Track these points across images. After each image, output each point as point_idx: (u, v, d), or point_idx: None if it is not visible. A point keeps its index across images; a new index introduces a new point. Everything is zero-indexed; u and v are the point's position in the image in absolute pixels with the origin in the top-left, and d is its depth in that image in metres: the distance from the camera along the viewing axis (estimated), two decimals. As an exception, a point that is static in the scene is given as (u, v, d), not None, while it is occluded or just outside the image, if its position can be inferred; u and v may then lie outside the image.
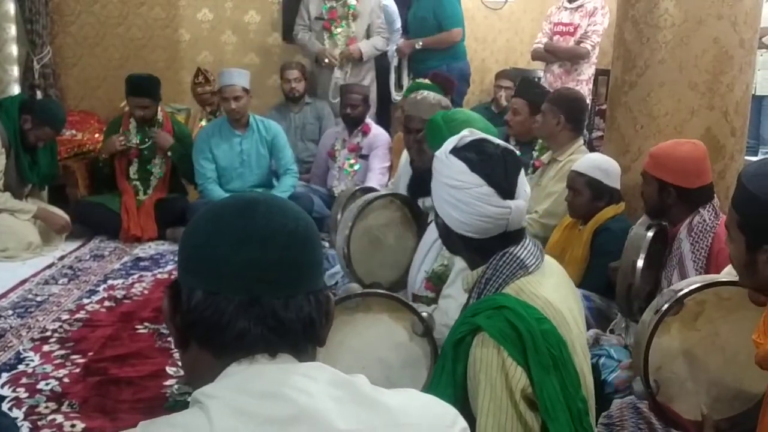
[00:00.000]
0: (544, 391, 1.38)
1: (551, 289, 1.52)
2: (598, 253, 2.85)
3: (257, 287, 0.89)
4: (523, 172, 1.59)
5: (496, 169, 1.52)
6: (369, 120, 4.78)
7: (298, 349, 0.92)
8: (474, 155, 1.53)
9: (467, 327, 1.45)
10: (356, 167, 4.72)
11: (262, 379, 0.86)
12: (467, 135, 1.60)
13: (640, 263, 2.38)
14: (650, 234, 2.43)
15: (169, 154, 4.70)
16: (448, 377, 1.44)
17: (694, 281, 1.73)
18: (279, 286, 0.90)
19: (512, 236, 1.55)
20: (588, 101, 4.68)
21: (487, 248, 1.54)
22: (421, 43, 5.24)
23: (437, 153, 1.61)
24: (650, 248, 2.43)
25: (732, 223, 1.40)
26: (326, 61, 5.13)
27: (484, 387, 1.38)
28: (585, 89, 4.99)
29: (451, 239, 1.61)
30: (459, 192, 1.52)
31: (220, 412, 0.82)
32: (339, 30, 5.12)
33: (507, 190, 1.52)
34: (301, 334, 0.91)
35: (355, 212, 2.64)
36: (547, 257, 1.61)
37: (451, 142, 1.59)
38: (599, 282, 2.78)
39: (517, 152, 1.67)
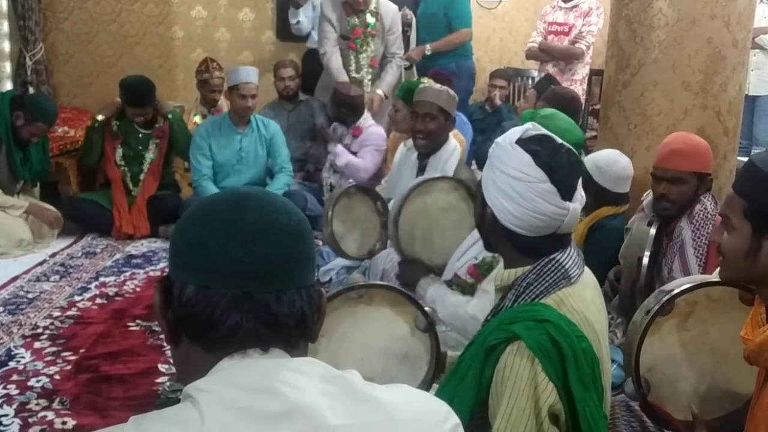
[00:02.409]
0: (586, 408, 1.35)
1: (589, 303, 1.48)
2: (592, 250, 2.85)
3: (249, 282, 0.88)
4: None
5: (561, 168, 1.47)
6: (365, 120, 4.75)
7: (291, 344, 0.91)
8: (540, 149, 1.47)
9: (503, 334, 1.39)
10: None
11: (254, 373, 0.86)
12: (531, 129, 1.54)
13: (645, 260, 2.40)
14: (653, 230, 2.45)
15: (170, 116, 4.67)
16: (474, 379, 1.40)
17: (684, 282, 1.73)
18: (271, 280, 0.89)
19: (559, 240, 1.49)
20: (582, 101, 4.69)
21: (532, 247, 1.48)
22: (429, 49, 5.21)
23: (499, 141, 1.54)
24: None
25: (735, 211, 1.38)
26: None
27: (509, 395, 1.35)
28: (579, 89, 5.00)
29: (495, 232, 1.54)
30: (520, 184, 1.46)
31: (211, 407, 0.82)
32: (364, 49, 5.04)
33: (568, 191, 1.47)
34: (293, 329, 0.91)
35: (415, 184, 2.62)
36: (585, 268, 1.57)
37: (515, 132, 1.52)
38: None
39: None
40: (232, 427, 0.81)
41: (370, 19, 5.01)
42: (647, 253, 2.40)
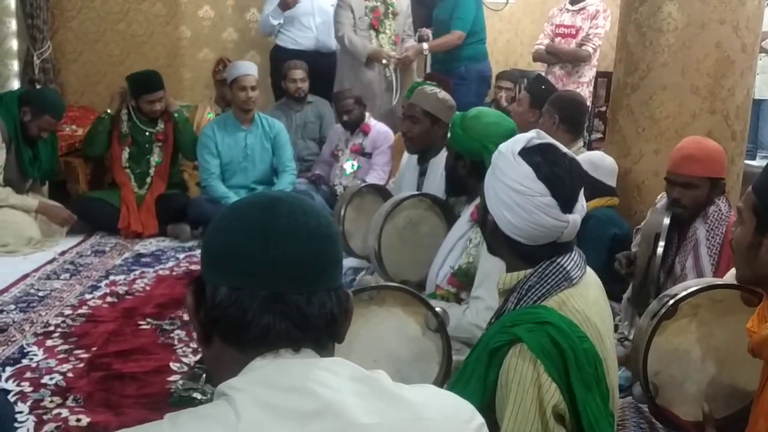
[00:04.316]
0: (587, 408, 1.37)
1: (591, 303, 1.51)
2: (584, 240, 2.90)
3: (281, 284, 0.90)
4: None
5: (563, 181, 1.48)
6: (369, 119, 4.80)
7: (320, 344, 0.93)
8: (542, 161, 1.49)
9: (506, 337, 1.42)
10: (356, 167, 4.75)
11: (286, 373, 0.88)
12: (536, 137, 1.55)
13: (659, 250, 2.47)
14: (667, 221, 2.51)
15: (176, 115, 4.72)
16: (479, 382, 1.43)
17: (688, 285, 1.76)
18: (301, 282, 0.92)
19: (560, 247, 1.52)
20: (588, 103, 4.70)
21: (533, 255, 1.51)
22: (427, 49, 5.24)
23: (502, 149, 1.54)
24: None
25: (747, 207, 1.43)
26: (384, 61, 5.01)
27: (514, 397, 1.37)
28: (585, 91, 5.01)
29: (497, 239, 1.57)
30: (520, 197, 1.48)
31: (246, 405, 0.84)
32: (384, 28, 5.11)
33: (568, 204, 1.49)
34: (323, 330, 0.93)
35: (385, 212, 2.65)
36: (588, 269, 1.59)
37: (519, 142, 1.53)
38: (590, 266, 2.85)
39: None
40: (266, 425, 0.83)
41: None
42: (662, 243, 2.46)
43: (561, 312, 1.44)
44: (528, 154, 1.50)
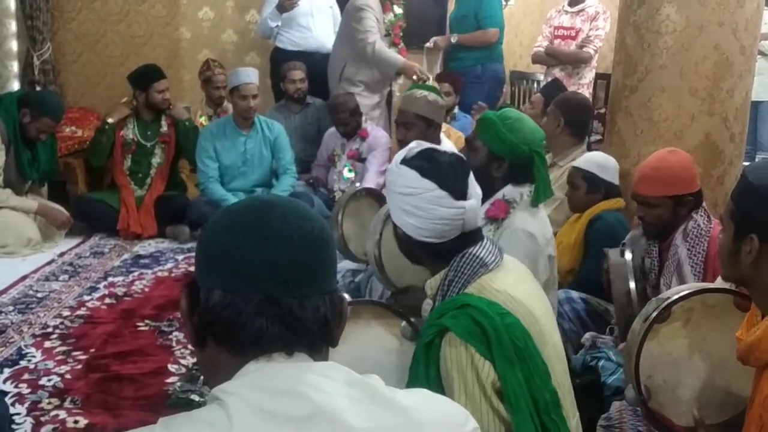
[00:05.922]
0: (508, 383, 1.43)
1: (513, 283, 1.58)
2: (592, 241, 2.95)
3: (274, 287, 0.91)
4: (472, 174, 1.66)
5: (447, 173, 1.59)
6: (367, 124, 4.77)
7: (314, 348, 0.94)
8: (424, 162, 1.60)
9: (435, 329, 1.49)
10: (353, 174, 4.73)
11: (279, 377, 0.88)
12: (415, 146, 1.66)
13: (633, 290, 2.41)
14: (629, 256, 2.47)
15: (187, 123, 4.76)
16: (422, 380, 1.49)
17: (681, 289, 1.76)
18: (295, 286, 0.92)
19: (470, 237, 1.61)
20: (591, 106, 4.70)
21: (447, 251, 1.61)
22: (456, 38, 5.22)
23: (390, 165, 1.67)
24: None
25: (726, 214, 1.47)
26: (414, 77, 4.74)
27: (458, 385, 1.44)
28: (585, 93, 5.01)
29: (412, 248, 1.67)
30: (413, 198, 1.58)
31: (239, 409, 0.84)
32: (401, 43, 5.12)
33: (459, 192, 1.59)
34: (317, 334, 0.93)
35: (382, 218, 2.64)
36: (507, 256, 1.67)
37: (401, 154, 1.65)
38: (595, 270, 2.83)
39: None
40: (259, 430, 0.83)
41: (398, 10, 5.08)
42: (632, 284, 2.40)
43: (482, 295, 1.52)
44: (410, 161, 1.62)
